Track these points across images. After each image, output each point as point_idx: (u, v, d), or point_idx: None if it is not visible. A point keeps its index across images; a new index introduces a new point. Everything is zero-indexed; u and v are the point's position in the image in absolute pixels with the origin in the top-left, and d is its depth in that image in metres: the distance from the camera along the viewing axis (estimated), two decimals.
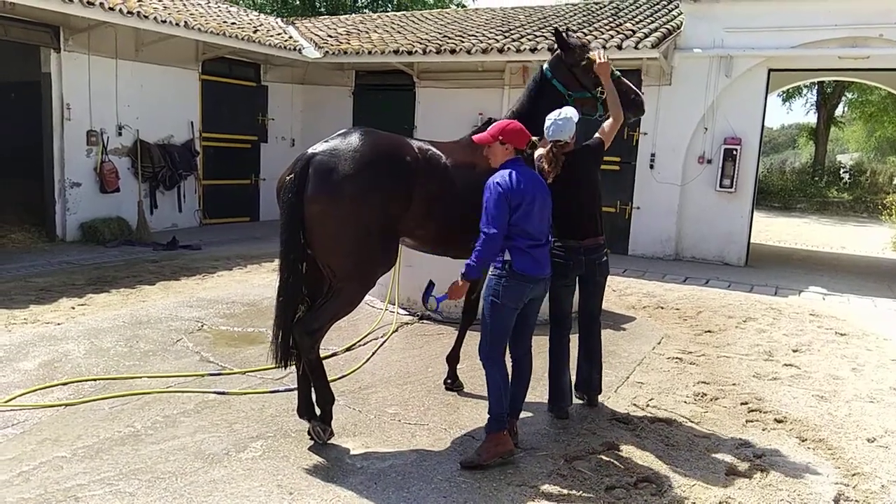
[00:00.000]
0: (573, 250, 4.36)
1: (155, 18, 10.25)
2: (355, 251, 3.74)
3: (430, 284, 3.98)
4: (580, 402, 4.74)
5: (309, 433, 3.97)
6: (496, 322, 3.78)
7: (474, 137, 3.88)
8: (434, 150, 4.11)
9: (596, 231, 4.43)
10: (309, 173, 3.71)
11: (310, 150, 3.84)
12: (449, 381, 4.89)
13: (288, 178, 3.79)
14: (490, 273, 3.81)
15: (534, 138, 3.87)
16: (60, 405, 4.33)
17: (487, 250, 3.64)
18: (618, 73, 4.49)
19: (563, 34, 4.51)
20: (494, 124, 3.83)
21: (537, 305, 3.96)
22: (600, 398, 4.79)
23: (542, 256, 3.82)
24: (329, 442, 3.95)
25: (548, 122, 4.16)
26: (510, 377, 3.95)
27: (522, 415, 4.49)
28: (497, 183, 3.68)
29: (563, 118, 4.12)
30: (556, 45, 4.55)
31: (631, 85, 4.56)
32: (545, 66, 4.55)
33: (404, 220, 3.91)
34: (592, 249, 4.40)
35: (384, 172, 3.77)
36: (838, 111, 32.08)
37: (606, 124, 4.46)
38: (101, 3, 9.40)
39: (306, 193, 3.69)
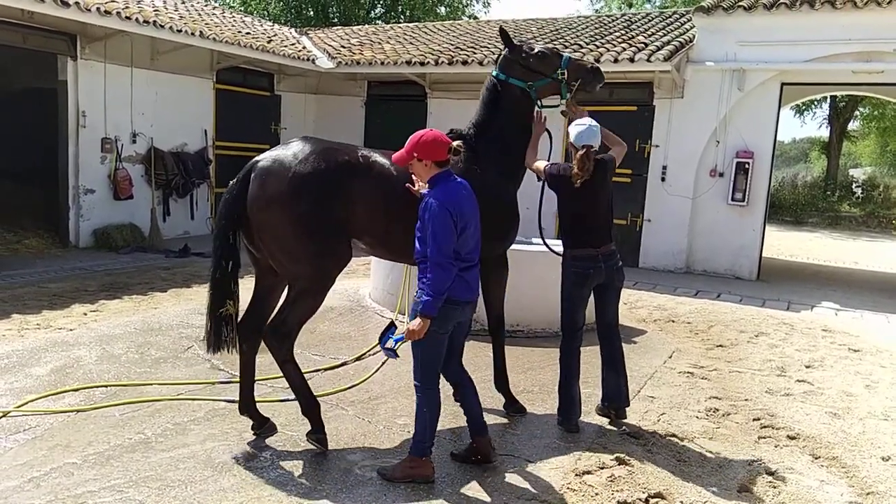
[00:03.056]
0: (592, 258, 4.42)
1: (170, 28, 10.36)
2: (296, 251, 3.83)
3: (391, 326, 3.69)
4: (606, 417, 4.66)
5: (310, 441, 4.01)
6: (426, 349, 3.55)
7: (393, 157, 3.67)
8: (377, 156, 4.10)
9: (610, 238, 4.51)
10: (250, 179, 3.87)
11: (255, 159, 3.98)
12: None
13: (231, 182, 3.95)
14: (416, 297, 3.54)
15: (454, 144, 3.59)
16: (71, 411, 4.35)
17: (442, 281, 3.40)
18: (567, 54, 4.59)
19: (506, 32, 4.65)
20: (410, 138, 3.58)
21: (466, 327, 3.82)
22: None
23: (473, 279, 3.63)
24: (339, 452, 3.95)
25: (577, 129, 4.31)
26: (460, 400, 3.92)
27: (532, 428, 4.49)
28: (440, 203, 3.41)
29: (593, 125, 4.33)
30: (501, 45, 4.67)
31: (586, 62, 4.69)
32: (494, 72, 4.63)
33: (352, 222, 3.92)
34: (608, 256, 4.46)
35: (319, 174, 3.83)
36: (851, 125, 31.92)
37: (614, 152, 4.65)
38: (118, 13, 9.51)
39: (248, 199, 3.85)
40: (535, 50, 4.55)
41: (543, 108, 4.65)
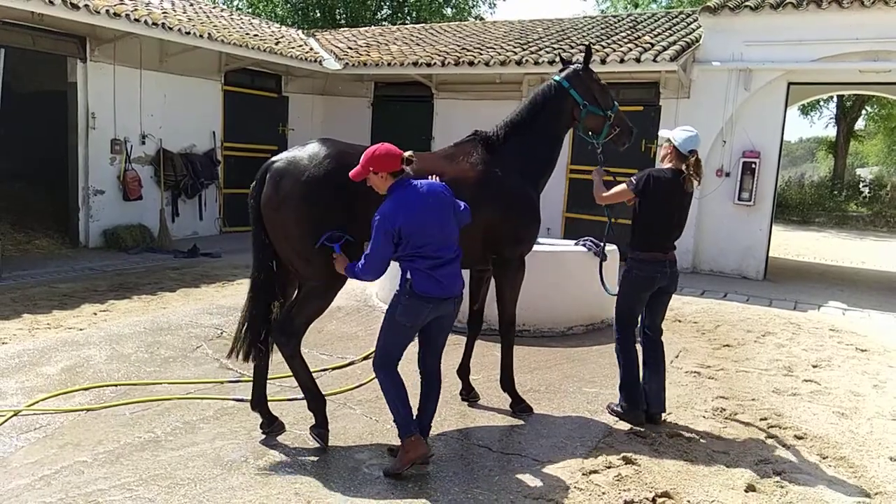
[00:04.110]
0: (660, 263, 4.55)
1: (179, 30, 10.42)
2: (307, 251, 3.85)
3: (342, 238, 3.79)
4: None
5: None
6: (389, 337, 3.72)
7: (350, 174, 3.64)
8: None
9: (674, 247, 4.65)
10: (266, 180, 3.92)
11: (272, 159, 4.02)
12: (464, 392, 4.89)
13: (252, 185, 4.00)
14: (396, 288, 3.71)
15: (406, 153, 3.62)
16: (82, 410, 4.38)
17: (358, 272, 3.65)
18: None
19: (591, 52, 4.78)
20: (364, 153, 3.62)
21: (447, 323, 3.82)
22: (619, 413, 4.79)
23: (446, 276, 3.64)
24: (347, 451, 3.97)
25: (687, 134, 4.39)
26: (420, 393, 3.90)
27: (539, 427, 4.50)
28: (382, 216, 3.54)
29: (696, 133, 4.42)
30: (582, 58, 4.74)
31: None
32: (558, 77, 4.68)
33: (361, 224, 3.88)
34: (673, 262, 4.63)
35: (332, 176, 3.83)
36: (858, 125, 31.77)
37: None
38: (127, 15, 9.58)
39: (262, 199, 3.90)
40: (603, 82, 4.73)
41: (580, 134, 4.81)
